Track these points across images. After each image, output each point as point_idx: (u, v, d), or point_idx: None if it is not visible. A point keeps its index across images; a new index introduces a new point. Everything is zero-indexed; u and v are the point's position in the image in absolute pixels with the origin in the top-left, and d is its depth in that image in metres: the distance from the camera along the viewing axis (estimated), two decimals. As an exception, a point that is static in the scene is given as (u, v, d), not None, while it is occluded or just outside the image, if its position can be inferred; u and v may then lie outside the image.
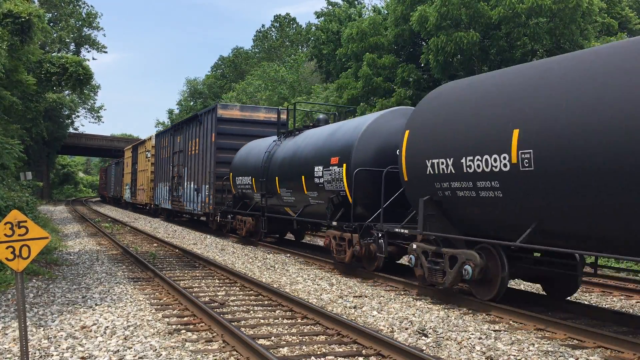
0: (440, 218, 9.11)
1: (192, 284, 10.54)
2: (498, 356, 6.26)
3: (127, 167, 42.29)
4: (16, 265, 5.45)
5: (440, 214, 9.12)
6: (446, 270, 8.89)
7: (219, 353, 6.21)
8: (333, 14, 39.23)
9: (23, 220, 5.49)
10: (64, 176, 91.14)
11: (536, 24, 21.63)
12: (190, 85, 76.28)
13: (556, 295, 9.21)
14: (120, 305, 8.60)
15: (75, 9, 53.51)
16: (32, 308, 8.29)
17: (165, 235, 20.67)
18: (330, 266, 12.97)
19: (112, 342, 6.52)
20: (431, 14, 22.42)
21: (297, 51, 59.11)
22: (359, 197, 11.67)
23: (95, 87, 60.35)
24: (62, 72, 30.03)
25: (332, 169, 12.46)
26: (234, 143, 20.08)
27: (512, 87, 8.02)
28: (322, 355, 6.15)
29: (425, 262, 9.34)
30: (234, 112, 20.99)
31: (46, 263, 12.62)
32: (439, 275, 9.05)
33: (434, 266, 9.15)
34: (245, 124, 20.73)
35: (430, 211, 9.13)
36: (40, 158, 52.85)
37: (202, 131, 21.95)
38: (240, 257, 14.75)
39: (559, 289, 9.17)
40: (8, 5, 21.48)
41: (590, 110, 6.66)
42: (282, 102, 41.13)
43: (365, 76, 27.07)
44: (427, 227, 9.18)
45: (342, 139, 12.42)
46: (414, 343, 6.70)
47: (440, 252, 9.07)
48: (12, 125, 24.36)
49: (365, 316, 8.08)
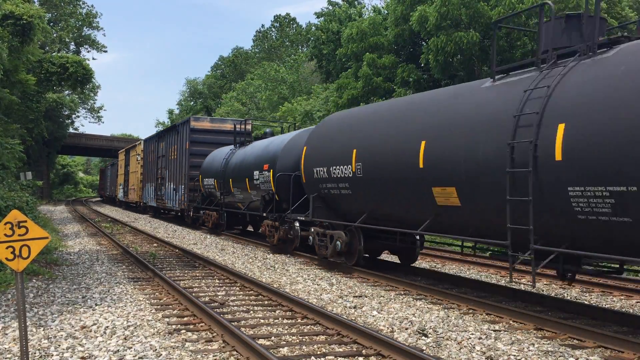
0: (324, 208, 12.81)
1: (192, 284, 10.55)
2: (498, 356, 6.26)
3: (120, 168, 45.63)
4: (16, 265, 5.45)
5: (323, 205, 12.82)
6: (327, 246, 12.43)
7: (219, 353, 6.22)
8: (333, 14, 39.22)
9: (23, 220, 5.49)
10: (64, 176, 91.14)
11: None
12: (190, 85, 76.26)
13: (405, 263, 12.95)
14: (120, 305, 8.60)
15: (76, 9, 53.47)
16: (32, 308, 8.29)
17: (165, 235, 20.68)
18: (330, 266, 12.98)
19: (112, 342, 6.52)
20: (431, 14, 22.42)
21: (297, 51, 59.11)
22: (281, 195, 15.29)
23: (95, 87, 60.34)
24: (62, 71, 30.04)
25: (264, 173, 16.12)
26: (204, 150, 23.49)
27: (356, 120, 11.96)
28: (322, 355, 6.15)
29: (317, 240, 12.92)
30: (205, 123, 24.95)
31: (46, 263, 12.62)
32: (323, 249, 12.66)
33: (321, 243, 12.74)
34: (214, 134, 24.37)
35: (317, 204, 12.88)
36: (40, 158, 52.85)
37: (179, 139, 25.56)
38: (240, 257, 14.76)
39: (406, 258, 12.96)
40: (9, 6, 21.47)
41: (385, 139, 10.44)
42: (282, 102, 41.15)
43: (365, 76, 27.07)
44: (315, 215, 12.89)
45: (272, 150, 16.20)
46: (414, 343, 6.70)
47: (325, 233, 12.60)
48: (12, 125, 24.35)
49: (365, 316, 8.08)
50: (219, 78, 71.68)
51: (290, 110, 36.61)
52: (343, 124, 12.37)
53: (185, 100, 77.55)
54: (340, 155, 11.75)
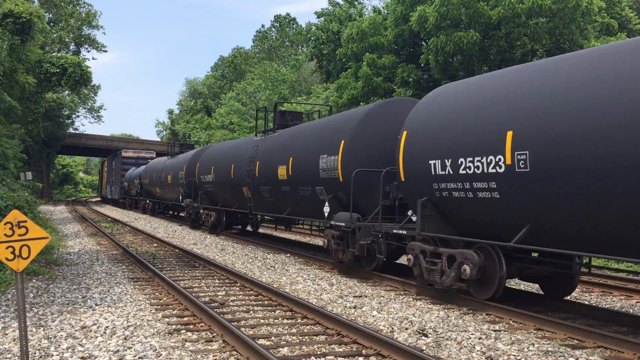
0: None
1: (192, 284, 10.54)
2: (498, 356, 6.26)
3: (104, 172, 61.88)
4: (16, 265, 5.45)
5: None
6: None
7: (219, 353, 6.21)
8: (333, 14, 39.19)
9: (23, 220, 5.49)
10: (63, 176, 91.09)
11: (536, 24, 21.61)
12: (190, 85, 76.20)
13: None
14: (120, 305, 8.60)
15: (76, 9, 53.41)
16: (32, 308, 8.29)
17: (165, 236, 20.67)
18: (329, 266, 12.98)
19: (112, 342, 6.52)
20: (431, 14, 22.40)
21: (297, 51, 59.06)
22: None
23: (95, 87, 60.30)
24: (61, 72, 30.05)
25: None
26: (129, 167, 45.90)
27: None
28: (322, 355, 6.15)
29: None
30: (129, 153, 49.34)
31: (46, 263, 12.61)
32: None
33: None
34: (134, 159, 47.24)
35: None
36: (40, 158, 52.82)
37: (117, 161, 49.17)
38: (240, 257, 14.75)
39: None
40: (8, 5, 21.48)
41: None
42: (282, 102, 41.10)
43: (365, 76, 27.04)
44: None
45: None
46: (414, 343, 6.70)
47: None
48: (12, 126, 24.36)
49: (365, 316, 8.08)
50: (219, 78, 71.60)
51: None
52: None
53: (185, 100, 77.51)
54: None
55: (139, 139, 79.28)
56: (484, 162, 8.00)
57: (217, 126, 49.88)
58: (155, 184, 32.29)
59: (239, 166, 18.09)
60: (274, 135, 16.95)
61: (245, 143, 19.08)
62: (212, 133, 48.81)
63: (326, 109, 27.34)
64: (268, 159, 15.89)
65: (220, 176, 20.16)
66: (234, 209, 19.74)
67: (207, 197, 22.22)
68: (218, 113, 53.53)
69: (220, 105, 56.35)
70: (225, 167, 19.62)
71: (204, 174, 21.89)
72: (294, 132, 15.63)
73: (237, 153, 18.99)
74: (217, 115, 52.84)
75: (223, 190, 20.25)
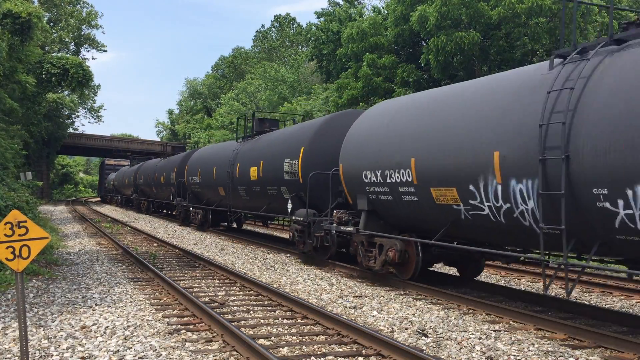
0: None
1: (192, 284, 10.54)
2: (498, 356, 6.26)
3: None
4: (16, 265, 5.45)
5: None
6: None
7: (219, 353, 6.21)
8: (333, 13, 39.17)
9: (23, 220, 5.49)
10: (63, 176, 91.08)
11: (536, 24, 21.61)
12: (190, 85, 76.17)
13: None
14: (120, 305, 8.60)
15: (76, 8, 53.37)
16: (32, 308, 8.29)
17: (165, 236, 20.67)
18: (329, 266, 12.99)
19: (112, 342, 6.52)
20: (431, 13, 22.39)
21: (297, 51, 59.05)
22: None
23: (95, 87, 60.28)
24: (62, 72, 30.05)
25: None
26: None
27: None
28: (322, 355, 6.15)
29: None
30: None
31: (46, 263, 12.61)
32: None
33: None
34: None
35: None
36: (40, 158, 52.80)
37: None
38: (240, 257, 14.76)
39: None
40: (8, 4, 21.48)
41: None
42: (282, 102, 41.10)
43: (365, 76, 27.04)
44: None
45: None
46: (414, 343, 6.70)
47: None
48: (13, 126, 24.36)
49: (365, 316, 8.08)
50: (219, 78, 71.57)
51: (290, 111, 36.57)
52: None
53: (185, 100, 77.49)
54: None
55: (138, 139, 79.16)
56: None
57: (217, 126, 49.82)
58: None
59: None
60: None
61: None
62: (212, 133, 48.79)
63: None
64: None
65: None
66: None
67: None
68: (218, 113, 53.51)
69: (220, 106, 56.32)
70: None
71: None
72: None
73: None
74: (217, 116, 52.80)
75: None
